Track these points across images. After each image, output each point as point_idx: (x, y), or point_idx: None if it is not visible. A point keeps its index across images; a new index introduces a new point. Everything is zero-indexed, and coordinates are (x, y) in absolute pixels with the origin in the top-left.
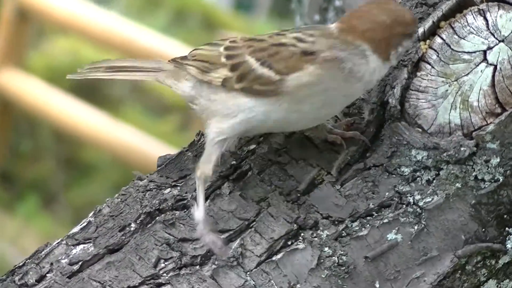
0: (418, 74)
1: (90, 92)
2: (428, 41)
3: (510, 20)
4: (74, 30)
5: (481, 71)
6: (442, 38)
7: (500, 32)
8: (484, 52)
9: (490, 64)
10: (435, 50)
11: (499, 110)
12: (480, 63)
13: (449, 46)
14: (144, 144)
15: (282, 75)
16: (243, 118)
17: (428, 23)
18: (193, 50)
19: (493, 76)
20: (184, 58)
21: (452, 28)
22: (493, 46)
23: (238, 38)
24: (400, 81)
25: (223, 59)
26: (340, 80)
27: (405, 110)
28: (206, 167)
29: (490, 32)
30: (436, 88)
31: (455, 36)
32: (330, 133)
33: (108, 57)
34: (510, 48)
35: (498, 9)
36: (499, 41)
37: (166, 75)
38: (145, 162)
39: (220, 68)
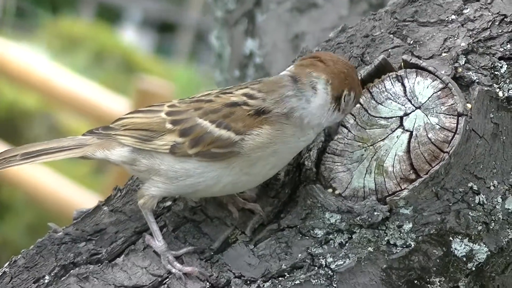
0: (335, 137)
1: (8, 132)
2: None
3: (427, 87)
4: None
5: (397, 136)
6: (359, 103)
7: (417, 98)
8: (401, 118)
9: (406, 130)
10: (353, 114)
11: (413, 176)
12: (396, 128)
13: (366, 110)
14: (58, 186)
15: (242, 135)
16: (192, 182)
17: None
18: (119, 119)
19: (409, 142)
20: (108, 128)
21: (370, 93)
22: (410, 113)
23: (175, 101)
24: (316, 143)
25: (168, 125)
26: (290, 137)
27: (321, 172)
28: (149, 201)
29: (408, 99)
30: (352, 152)
31: (373, 101)
32: (232, 199)
33: (25, 96)
34: (427, 115)
35: (416, 75)
36: (416, 108)
37: (94, 148)
38: (59, 204)
39: (166, 134)
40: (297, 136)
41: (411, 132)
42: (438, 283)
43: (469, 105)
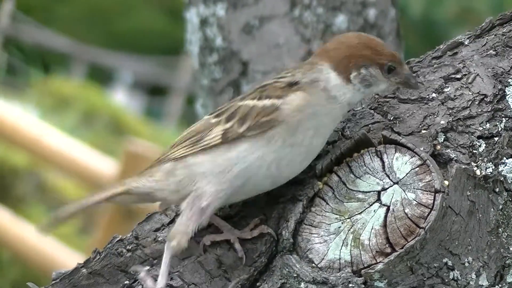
0: (313, 209)
1: None
2: (325, 178)
3: (405, 163)
4: None
5: (374, 210)
6: (338, 176)
7: (395, 174)
8: (379, 192)
9: (384, 205)
10: (331, 187)
11: (389, 250)
12: (374, 203)
13: (344, 184)
14: (44, 244)
15: (283, 98)
16: (239, 170)
17: (326, 161)
18: (170, 148)
19: (386, 216)
20: (159, 160)
21: (349, 166)
22: (388, 188)
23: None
24: (294, 214)
25: (213, 120)
26: (324, 100)
27: (298, 243)
28: (183, 238)
29: (386, 174)
30: (329, 224)
31: (351, 175)
32: (239, 237)
33: (14, 153)
34: (404, 191)
35: (395, 151)
36: (394, 183)
37: (136, 183)
38: (44, 262)
39: (213, 128)
40: (331, 102)
41: (388, 207)
42: None
43: (446, 182)
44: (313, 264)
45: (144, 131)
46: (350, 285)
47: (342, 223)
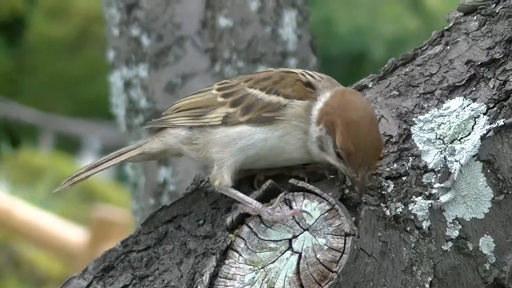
0: (227, 262)
1: None
2: (237, 230)
3: (314, 209)
4: None
5: (286, 258)
6: (249, 227)
7: (305, 220)
8: (290, 240)
9: (295, 252)
10: (243, 239)
11: None
12: (285, 251)
13: (256, 234)
14: None
15: (290, 99)
16: (243, 145)
17: (236, 213)
18: (172, 105)
19: (298, 263)
20: (161, 116)
21: (259, 216)
22: (298, 235)
23: (228, 79)
24: (209, 268)
25: (219, 99)
26: (306, 125)
27: None
28: (220, 176)
29: (296, 221)
30: (244, 275)
31: (262, 225)
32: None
33: None
34: (315, 236)
35: (303, 198)
36: (304, 230)
37: (150, 143)
38: None
39: (217, 108)
40: (305, 132)
41: (300, 254)
42: None
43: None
44: None
45: (115, 196)
46: None
47: (256, 273)
